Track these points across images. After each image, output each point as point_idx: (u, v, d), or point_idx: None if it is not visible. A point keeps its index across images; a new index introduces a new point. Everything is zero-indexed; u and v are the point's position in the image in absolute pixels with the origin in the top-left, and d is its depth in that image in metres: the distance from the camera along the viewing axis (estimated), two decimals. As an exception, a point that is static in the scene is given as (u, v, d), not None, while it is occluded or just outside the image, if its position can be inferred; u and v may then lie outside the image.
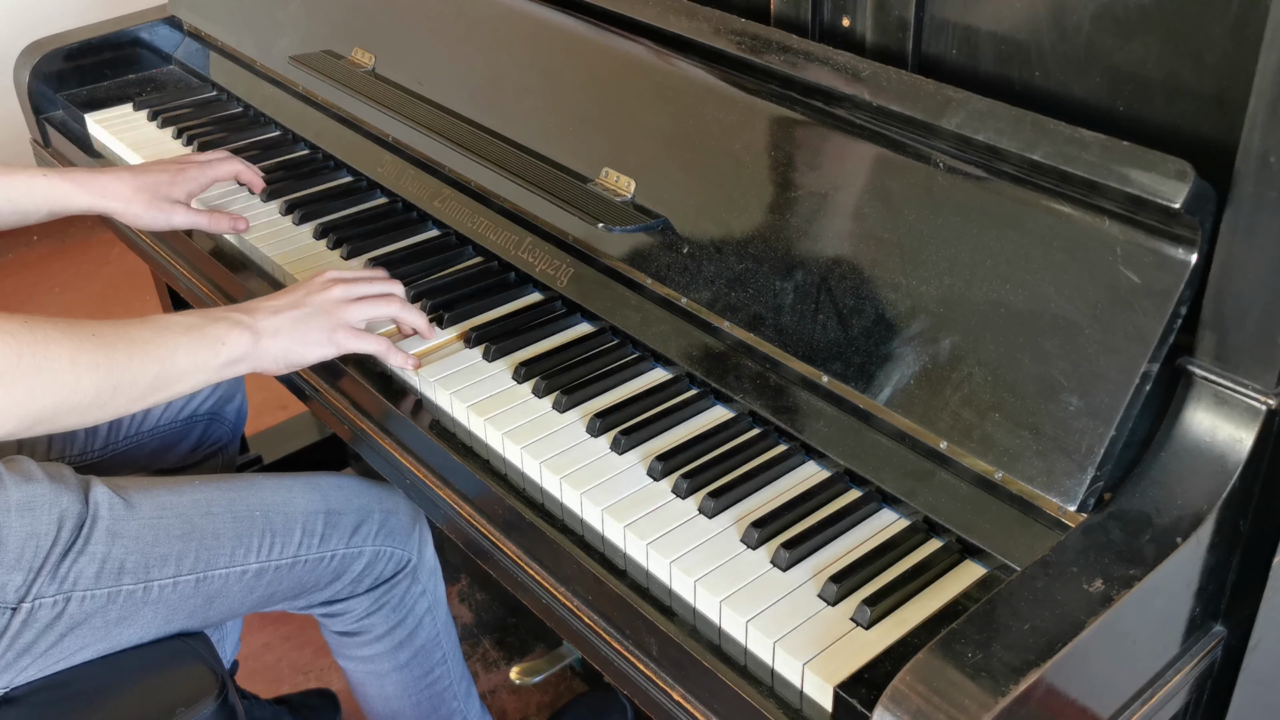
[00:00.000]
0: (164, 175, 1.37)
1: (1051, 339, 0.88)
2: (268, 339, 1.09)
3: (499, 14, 1.37)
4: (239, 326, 1.08)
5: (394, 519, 1.35)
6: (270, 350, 1.09)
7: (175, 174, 1.38)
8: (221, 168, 1.43)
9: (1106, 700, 0.84)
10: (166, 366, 1.03)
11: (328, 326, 1.12)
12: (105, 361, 0.99)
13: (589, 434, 1.06)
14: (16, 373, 0.93)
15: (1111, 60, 0.94)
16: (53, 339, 0.96)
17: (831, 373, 0.99)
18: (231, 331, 1.07)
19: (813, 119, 1.07)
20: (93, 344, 0.98)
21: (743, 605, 0.88)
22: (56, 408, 0.97)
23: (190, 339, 1.05)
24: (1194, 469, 0.83)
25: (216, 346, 1.06)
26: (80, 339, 0.98)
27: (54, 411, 0.97)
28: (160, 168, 1.39)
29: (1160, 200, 0.81)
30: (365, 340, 1.14)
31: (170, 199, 1.37)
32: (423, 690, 1.46)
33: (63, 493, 1.13)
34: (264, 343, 1.09)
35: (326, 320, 1.13)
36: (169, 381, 1.04)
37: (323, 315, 1.13)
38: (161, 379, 1.03)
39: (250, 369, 1.10)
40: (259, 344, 1.09)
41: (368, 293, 1.16)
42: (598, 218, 1.14)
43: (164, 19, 1.86)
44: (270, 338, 1.09)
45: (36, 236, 3.35)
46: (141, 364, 1.01)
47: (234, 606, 1.24)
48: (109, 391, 0.99)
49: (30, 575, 1.09)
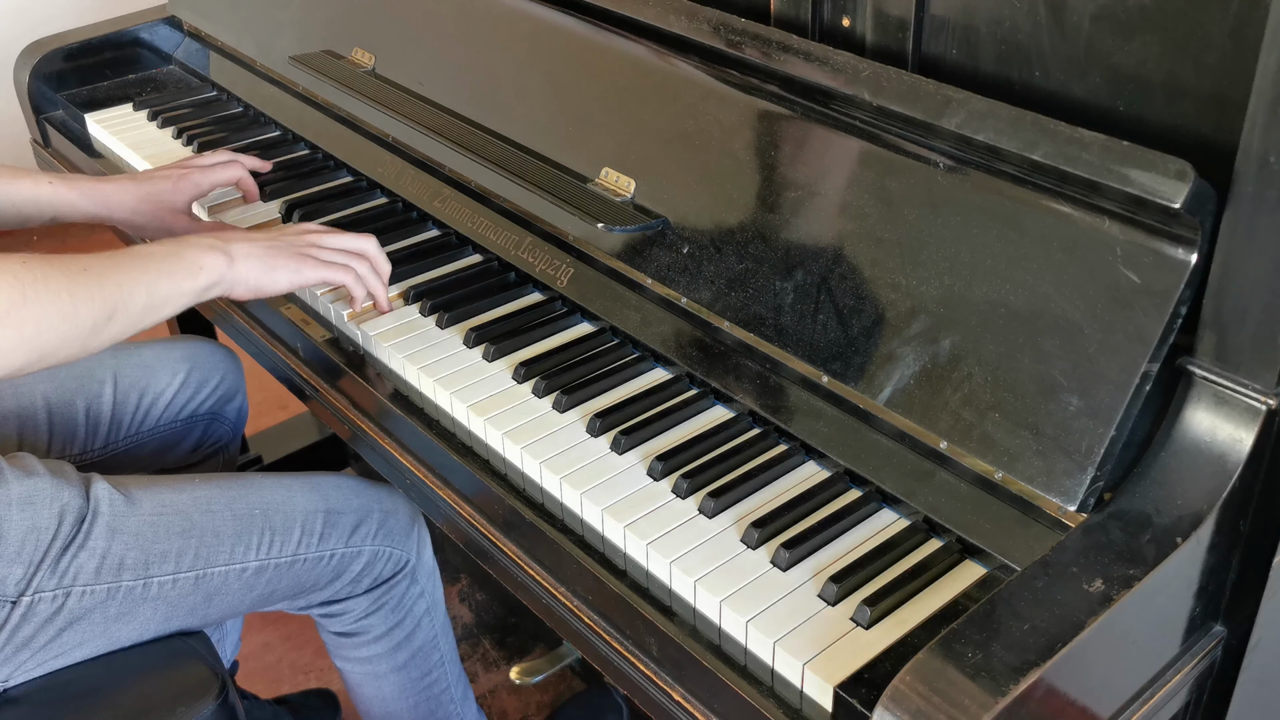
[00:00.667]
0: (166, 184, 1.38)
1: (1051, 339, 0.88)
2: (240, 262, 1.14)
3: (499, 14, 1.37)
4: (214, 250, 1.13)
5: (393, 519, 1.35)
6: (242, 273, 1.15)
7: (177, 181, 1.38)
8: (223, 174, 1.43)
9: (1106, 700, 0.84)
10: (152, 292, 1.08)
11: (297, 256, 1.18)
12: (99, 293, 1.04)
13: (589, 434, 1.06)
14: (23, 310, 0.98)
15: (1111, 60, 0.94)
16: (50, 276, 1.01)
17: (831, 373, 0.99)
18: (206, 255, 1.13)
19: (813, 119, 1.07)
20: (85, 278, 1.03)
21: (743, 605, 0.88)
22: (60, 340, 1.02)
23: (170, 264, 1.10)
24: (1194, 469, 0.83)
25: (195, 271, 1.12)
26: (74, 273, 1.03)
27: (58, 344, 1.02)
28: (162, 175, 1.39)
29: (1160, 200, 0.81)
30: (331, 270, 1.19)
31: (173, 208, 1.38)
32: (420, 692, 1.46)
33: (64, 488, 1.13)
34: (237, 265, 1.14)
35: (296, 251, 1.19)
36: (154, 307, 1.09)
37: (294, 247, 1.19)
38: (148, 305, 1.08)
39: (224, 292, 1.15)
40: (233, 266, 1.14)
41: (340, 244, 1.22)
42: (598, 218, 1.14)
43: (164, 19, 1.86)
44: (243, 261, 1.15)
45: (36, 237, 3.35)
46: (131, 291, 1.06)
47: (233, 605, 1.24)
48: (104, 320, 1.05)
49: (30, 569, 1.10)
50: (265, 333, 1.37)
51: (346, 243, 1.23)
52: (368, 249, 1.23)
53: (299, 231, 1.22)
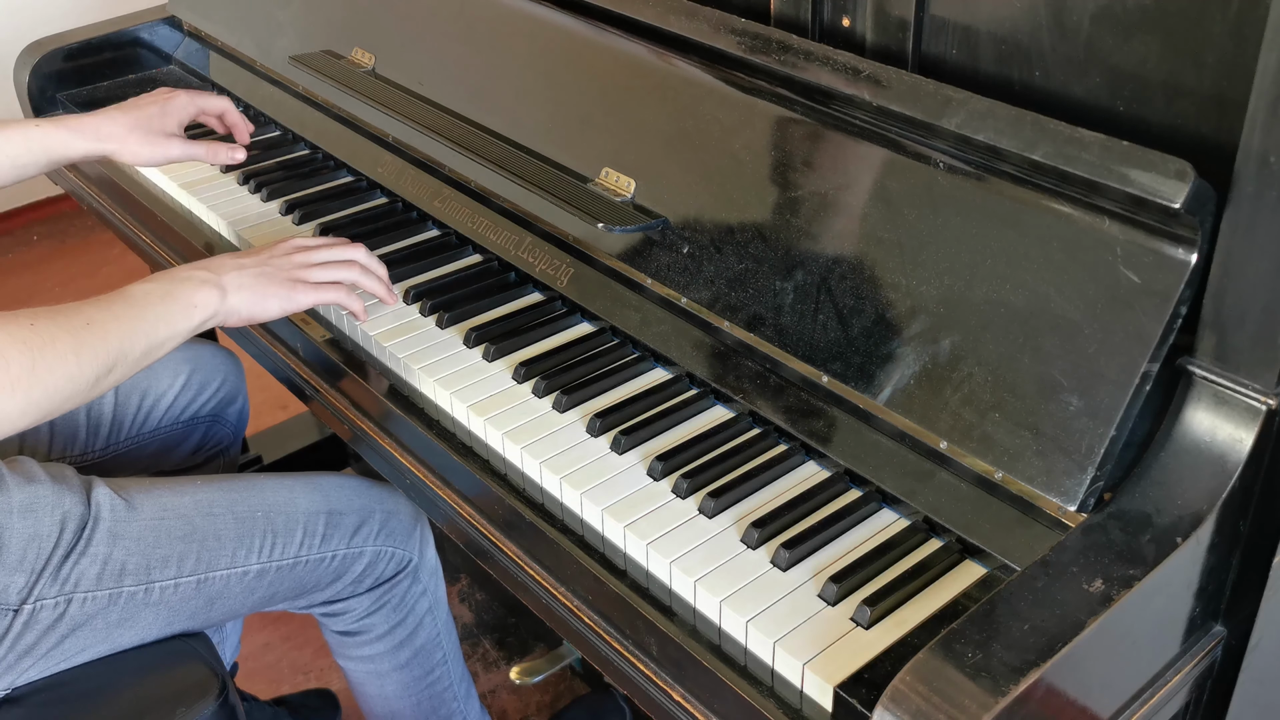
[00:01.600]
0: (154, 108, 1.42)
1: (1051, 339, 0.88)
2: (233, 295, 1.15)
3: (499, 14, 1.37)
4: (206, 285, 1.13)
5: (395, 519, 1.35)
6: (235, 305, 1.15)
7: (164, 104, 1.42)
8: (210, 101, 1.47)
9: (1106, 700, 0.84)
10: (150, 339, 1.09)
11: (288, 282, 1.18)
12: (101, 347, 1.04)
13: (589, 434, 1.06)
14: (33, 377, 0.99)
15: (1111, 60, 0.94)
16: (57, 338, 1.01)
17: (831, 373, 0.99)
18: (199, 291, 1.13)
19: (813, 119, 1.07)
20: (88, 333, 1.04)
21: (743, 605, 0.88)
22: (64, 399, 1.02)
23: (166, 307, 1.11)
24: (1194, 469, 0.83)
25: (190, 311, 1.12)
26: (78, 330, 1.03)
27: (61, 402, 1.02)
28: (149, 100, 1.43)
29: (1160, 200, 0.81)
30: (322, 293, 1.19)
31: (164, 132, 1.41)
32: (423, 690, 1.46)
33: (65, 494, 1.13)
34: (230, 298, 1.14)
35: (288, 276, 1.18)
36: (153, 350, 1.10)
37: (284, 272, 1.18)
38: (147, 351, 1.09)
39: (219, 323, 1.16)
40: (226, 300, 1.14)
41: (328, 258, 1.21)
42: (598, 218, 1.14)
43: (164, 19, 1.86)
44: (235, 293, 1.15)
45: (36, 236, 3.35)
46: (131, 343, 1.07)
47: (235, 607, 1.24)
48: (105, 372, 1.05)
49: (32, 577, 1.09)
50: (265, 333, 1.37)
51: (335, 255, 1.22)
52: (357, 257, 1.23)
53: (288, 251, 1.21)
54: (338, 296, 1.20)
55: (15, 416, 0.99)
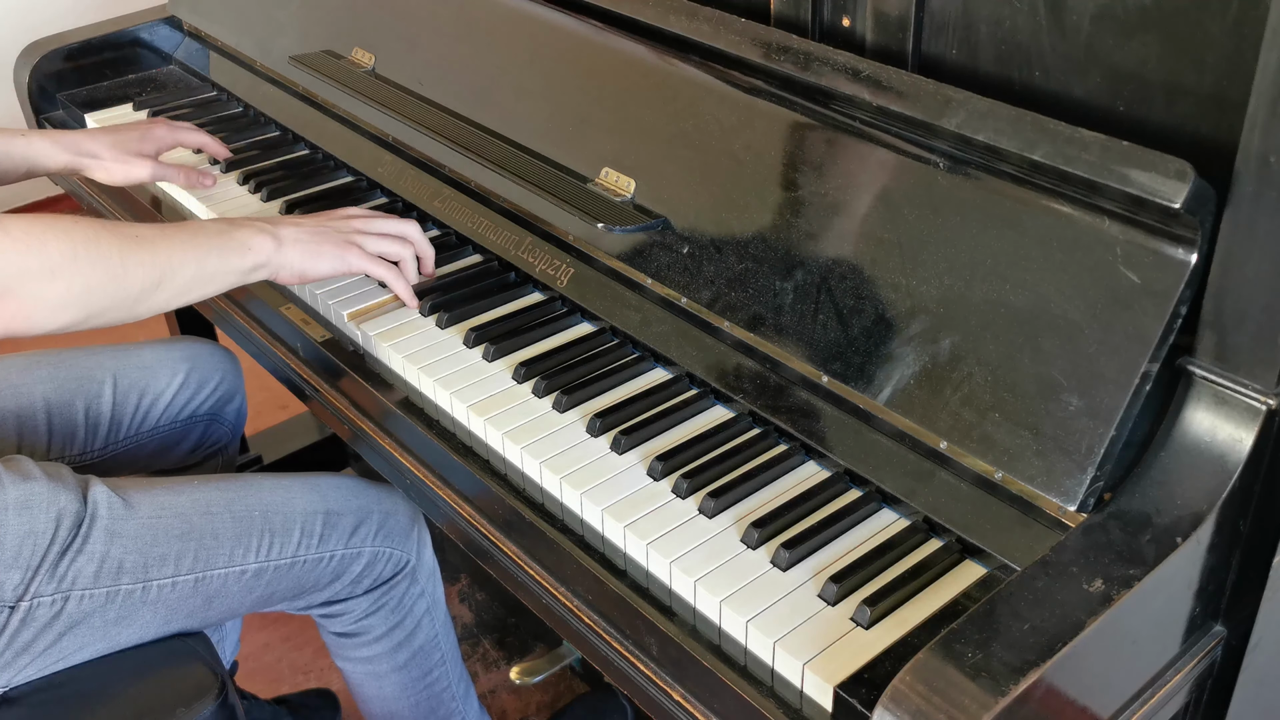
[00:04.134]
0: (134, 134, 1.49)
1: (1051, 339, 0.88)
2: (288, 246, 1.17)
3: (499, 14, 1.37)
4: (263, 233, 1.17)
5: (393, 520, 1.35)
6: (288, 257, 1.17)
7: (144, 132, 1.49)
8: (187, 135, 1.53)
9: (1106, 700, 0.84)
10: (201, 267, 1.11)
11: (342, 243, 1.21)
12: (150, 259, 1.07)
13: (589, 434, 1.06)
14: (74, 266, 1.01)
15: (1111, 60, 0.94)
16: (102, 237, 1.04)
17: (831, 373, 0.99)
18: (256, 237, 1.16)
19: (812, 119, 1.07)
20: (136, 244, 1.07)
21: (743, 605, 0.88)
22: (109, 301, 1.05)
23: (220, 241, 1.13)
24: (1194, 469, 0.83)
25: (243, 251, 1.15)
26: (125, 238, 1.06)
27: (106, 305, 1.05)
28: (129, 127, 1.49)
29: (1160, 200, 0.81)
30: (374, 264, 1.22)
31: (140, 153, 1.47)
32: (421, 691, 1.46)
33: (60, 491, 1.13)
34: (284, 249, 1.17)
35: (342, 238, 1.21)
36: (202, 281, 1.12)
37: (340, 234, 1.22)
38: (196, 278, 1.11)
39: (270, 275, 1.18)
40: (280, 250, 1.17)
41: (384, 229, 1.25)
42: (598, 218, 1.14)
43: (164, 19, 1.86)
44: (290, 245, 1.17)
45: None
46: (181, 262, 1.10)
47: (233, 606, 1.24)
48: (152, 287, 1.07)
49: (28, 574, 1.09)
50: (265, 332, 1.37)
51: (391, 227, 1.25)
52: (411, 233, 1.26)
53: (345, 216, 1.25)
54: (386, 273, 1.22)
55: (56, 306, 1.00)
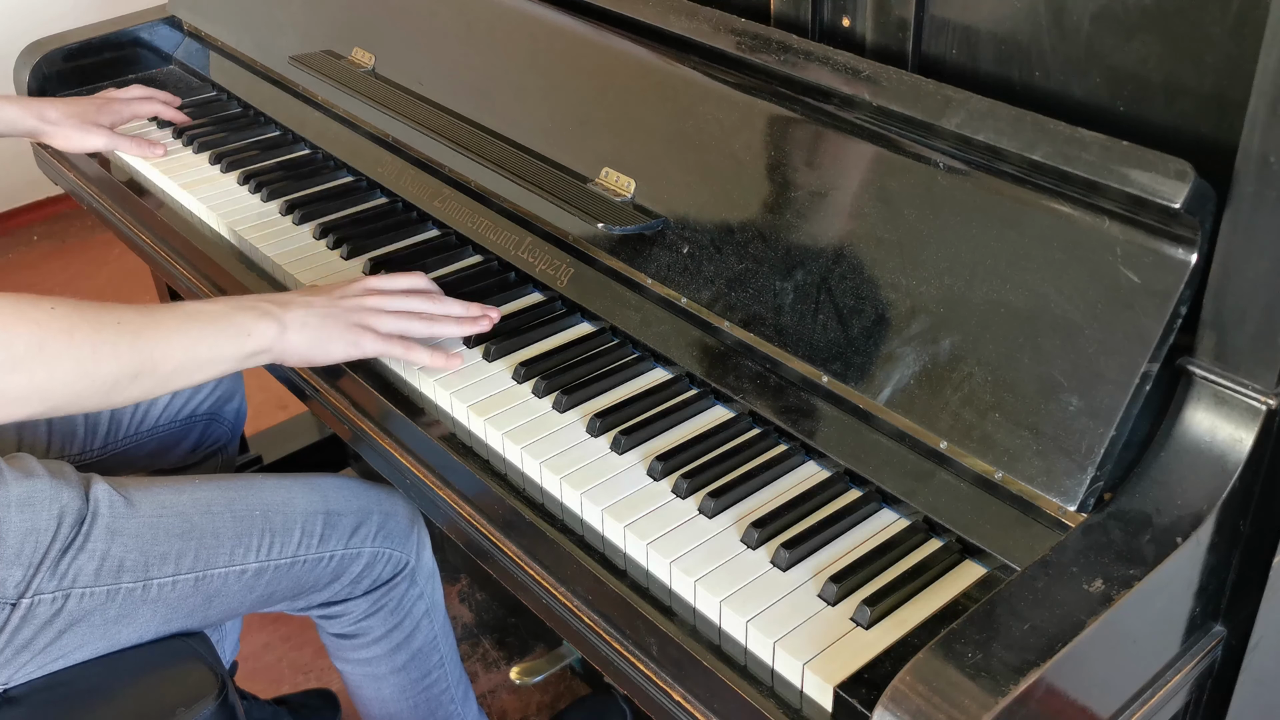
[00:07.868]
0: (91, 106, 1.59)
1: (1051, 339, 0.88)
2: (294, 332, 1.09)
3: (499, 14, 1.37)
4: (267, 318, 1.08)
5: (392, 521, 1.35)
6: (293, 343, 1.09)
7: (101, 105, 1.60)
8: (142, 106, 1.64)
9: (1106, 700, 0.84)
10: (190, 354, 1.04)
11: (355, 327, 1.12)
12: (128, 350, 1.00)
13: (589, 434, 1.06)
14: (38, 358, 0.95)
15: (1111, 60, 0.94)
16: (77, 326, 0.97)
17: (831, 373, 0.99)
18: (259, 323, 1.07)
19: (812, 119, 1.06)
20: (116, 332, 0.99)
21: (743, 605, 0.88)
22: (75, 394, 0.98)
23: (215, 329, 1.05)
24: (1194, 469, 0.83)
25: (242, 338, 1.06)
26: (103, 326, 0.99)
27: (72, 398, 0.98)
28: (88, 99, 1.61)
29: (1160, 200, 0.81)
30: (389, 345, 1.13)
31: (95, 123, 1.57)
32: (420, 693, 1.46)
33: (63, 489, 1.13)
34: (289, 335, 1.08)
35: (355, 319, 1.12)
36: (190, 369, 1.04)
37: (353, 315, 1.12)
38: (183, 367, 1.04)
39: (273, 360, 1.10)
40: (284, 336, 1.08)
41: (402, 308, 1.15)
42: (598, 218, 1.14)
43: (164, 19, 1.86)
44: (297, 331, 1.09)
45: (36, 236, 3.35)
46: (164, 353, 1.02)
47: (233, 606, 1.24)
48: (128, 379, 1.00)
49: (30, 571, 1.09)
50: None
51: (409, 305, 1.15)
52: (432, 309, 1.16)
53: (360, 293, 1.14)
54: (406, 354, 1.13)
55: (16, 398, 0.95)
